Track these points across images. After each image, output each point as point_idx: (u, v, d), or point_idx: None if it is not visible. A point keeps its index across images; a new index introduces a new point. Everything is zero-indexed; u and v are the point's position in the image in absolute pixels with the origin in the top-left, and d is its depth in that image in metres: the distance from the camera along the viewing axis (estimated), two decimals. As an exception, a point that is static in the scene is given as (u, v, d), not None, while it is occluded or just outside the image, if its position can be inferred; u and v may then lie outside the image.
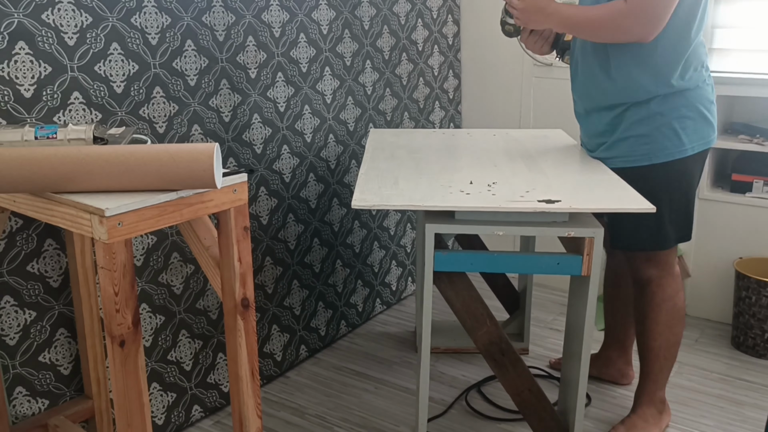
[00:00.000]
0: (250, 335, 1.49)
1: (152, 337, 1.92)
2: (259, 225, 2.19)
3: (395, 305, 2.90)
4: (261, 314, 2.26)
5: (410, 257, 2.94)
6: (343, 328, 2.63)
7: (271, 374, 2.33)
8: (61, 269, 1.69)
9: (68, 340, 1.73)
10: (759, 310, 2.40)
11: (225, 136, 2.01)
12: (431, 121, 2.94)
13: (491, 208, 1.56)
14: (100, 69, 1.67)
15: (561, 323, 2.70)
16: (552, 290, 3.03)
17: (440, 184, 1.72)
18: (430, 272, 1.62)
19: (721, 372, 2.38)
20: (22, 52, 1.52)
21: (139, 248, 1.84)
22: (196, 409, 2.09)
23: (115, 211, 1.16)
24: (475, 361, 2.43)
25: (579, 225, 1.57)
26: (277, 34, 2.13)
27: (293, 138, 2.26)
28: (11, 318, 1.61)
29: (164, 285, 1.92)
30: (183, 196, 1.26)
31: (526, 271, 1.72)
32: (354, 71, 2.46)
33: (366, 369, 2.41)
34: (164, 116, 1.83)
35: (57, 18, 1.56)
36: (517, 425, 2.09)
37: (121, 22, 1.69)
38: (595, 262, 1.58)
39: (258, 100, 2.10)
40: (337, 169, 2.48)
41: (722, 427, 2.08)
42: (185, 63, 1.86)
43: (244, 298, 1.45)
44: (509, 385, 1.78)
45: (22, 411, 1.67)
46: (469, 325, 1.73)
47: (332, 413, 2.16)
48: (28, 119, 1.55)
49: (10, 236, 1.58)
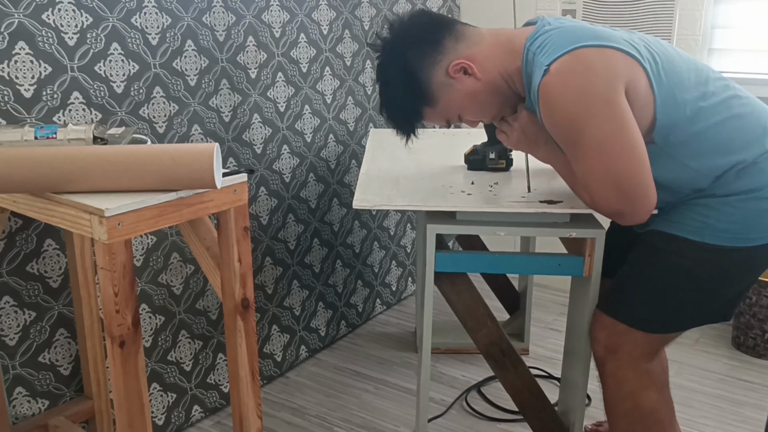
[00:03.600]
0: (250, 336, 1.48)
1: (152, 338, 1.91)
2: (259, 225, 2.19)
3: (395, 305, 2.90)
4: (261, 315, 2.25)
5: (410, 257, 2.94)
6: (343, 329, 2.63)
7: (271, 374, 2.33)
8: (60, 269, 1.68)
9: (68, 341, 1.73)
10: (759, 310, 2.40)
11: (225, 136, 2.01)
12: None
13: (493, 209, 1.55)
14: (100, 69, 1.66)
15: (561, 323, 2.70)
16: (552, 290, 3.02)
17: (441, 184, 1.72)
18: (431, 273, 1.62)
19: (721, 372, 2.38)
20: (22, 52, 1.51)
21: (139, 248, 1.83)
22: (196, 409, 2.08)
23: (114, 211, 1.16)
24: (475, 362, 2.43)
25: (580, 226, 1.57)
26: (278, 34, 2.13)
27: (293, 138, 2.26)
28: (11, 318, 1.61)
29: (164, 285, 1.92)
30: (183, 197, 1.26)
31: (528, 271, 1.72)
32: (354, 71, 2.46)
33: (366, 369, 2.41)
34: (164, 116, 1.83)
35: (57, 18, 1.56)
36: (517, 426, 2.08)
37: (121, 23, 1.68)
38: (597, 263, 1.58)
39: (258, 100, 2.10)
40: (337, 169, 2.47)
41: (722, 427, 2.08)
42: (185, 63, 1.86)
43: (244, 298, 1.45)
44: (509, 386, 1.77)
45: (22, 411, 1.67)
46: (469, 326, 1.73)
47: (332, 413, 2.16)
48: (28, 119, 1.55)
49: (9, 236, 1.58)
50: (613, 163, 1.31)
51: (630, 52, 1.33)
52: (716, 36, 2.53)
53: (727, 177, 1.38)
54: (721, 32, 2.52)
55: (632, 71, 1.32)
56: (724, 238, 1.39)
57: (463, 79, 1.44)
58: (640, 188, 1.32)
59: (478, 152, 1.86)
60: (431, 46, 1.43)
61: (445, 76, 1.43)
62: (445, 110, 1.49)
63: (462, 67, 1.42)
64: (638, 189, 1.32)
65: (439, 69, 1.43)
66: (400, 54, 1.44)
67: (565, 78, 1.30)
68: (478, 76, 1.43)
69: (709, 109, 1.37)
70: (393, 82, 1.47)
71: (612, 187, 1.32)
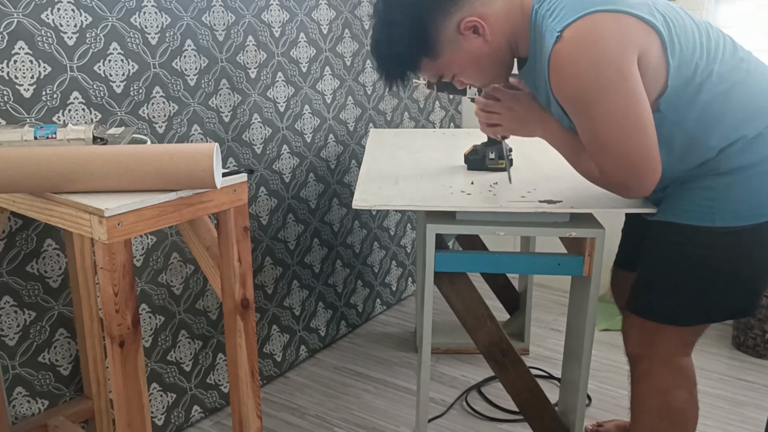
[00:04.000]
0: (250, 336, 1.48)
1: (152, 338, 1.91)
2: (259, 225, 2.19)
3: (395, 305, 2.90)
4: (261, 315, 2.25)
5: (410, 257, 2.94)
6: (343, 329, 2.63)
7: (271, 374, 2.33)
8: (60, 269, 1.68)
9: (68, 341, 1.73)
10: (759, 310, 2.40)
11: (225, 136, 2.01)
12: (431, 121, 2.93)
13: (492, 209, 1.55)
14: (100, 69, 1.66)
15: (561, 323, 2.70)
16: (552, 290, 3.02)
17: (441, 184, 1.72)
18: (431, 273, 1.62)
19: (721, 372, 2.38)
20: (22, 52, 1.51)
21: (139, 248, 1.83)
22: (196, 409, 2.08)
23: (114, 211, 1.16)
24: (475, 362, 2.42)
25: (580, 225, 1.57)
26: (277, 33, 2.13)
27: (293, 138, 2.25)
28: (11, 318, 1.60)
29: (164, 285, 1.92)
30: (183, 197, 1.26)
31: (527, 271, 1.72)
32: (354, 71, 2.46)
33: (366, 369, 2.41)
34: (164, 116, 1.83)
35: (57, 18, 1.56)
36: (518, 426, 2.08)
37: (120, 22, 1.68)
38: (597, 263, 1.58)
39: (258, 100, 2.10)
40: (337, 169, 2.47)
41: (722, 427, 2.08)
42: (185, 63, 1.85)
43: (244, 298, 1.45)
44: (510, 386, 1.77)
45: (22, 411, 1.67)
46: (469, 326, 1.73)
47: (332, 413, 2.16)
48: (28, 119, 1.55)
49: (9, 236, 1.58)
50: (624, 137, 1.29)
51: (644, 17, 1.28)
52: (716, 36, 2.53)
53: (733, 150, 1.34)
54: (721, 32, 2.52)
55: (646, 38, 1.28)
56: (733, 218, 1.35)
57: (471, 38, 1.36)
58: (649, 163, 1.30)
59: (478, 152, 1.86)
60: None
61: (455, 31, 1.35)
62: (444, 66, 1.40)
63: (474, 26, 1.34)
64: (647, 163, 1.30)
65: (451, 22, 1.34)
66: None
67: (578, 46, 1.26)
68: (488, 38, 1.36)
69: (718, 77, 1.33)
70: (397, 23, 1.36)
71: (621, 159, 1.31)
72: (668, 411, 1.52)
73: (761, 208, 1.35)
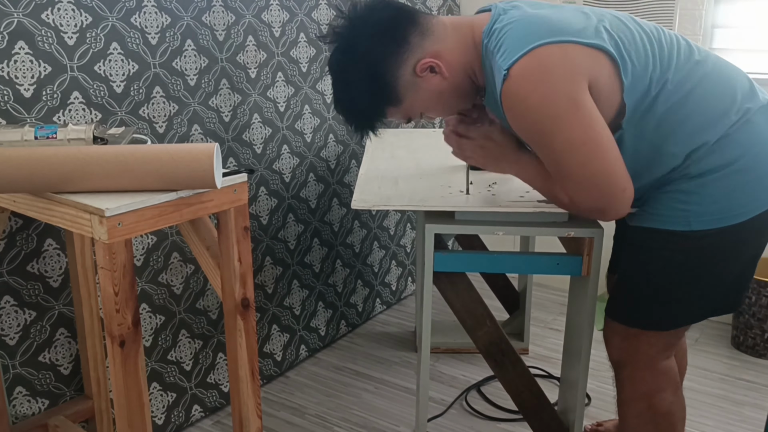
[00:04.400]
0: (250, 335, 1.49)
1: (152, 337, 1.92)
2: (259, 225, 2.19)
3: (395, 305, 2.90)
4: (261, 314, 2.26)
5: (410, 257, 2.94)
6: (343, 328, 2.63)
7: (271, 374, 2.33)
8: (61, 269, 1.69)
9: (68, 340, 1.73)
10: (759, 310, 2.40)
11: (225, 136, 2.01)
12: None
13: (491, 209, 1.56)
14: (100, 69, 1.66)
15: (561, 323, 2.70)
16: (552, 290, 3.03)
17: (440, 184, 1.72)
18: (430, 272, 1.62)
19: (721, 372, 2.38)
20: (22, 51, 1.52)
21: (139, 248, 1.84)
22: (196, 409, 2.09)
23: (114, 211, 1.16)
24: (475, 361, 2.43)
25: (579, 225, 1.57)
26: (277, 33, 2.13)
27: (293, 138, 2.26)
28: (11, 318, 1.61)
29: (164, 285, 1.92)
30: (183, 197, 1.26)
31: (526, 271, 1.72)
32: (354, 71, 2.46)
33: (366, 369, 2.41)
34: (164, 116, 1.83)
35: (57, 18, 1.56)
36: (517, 425, 2.09)
37: (120, 22, 1.69)
38: (595, 263, 1.58)
39: (258, 99, 2.10)
40: (337, 169, 2.48)
41: (722, 427, 2.08)
42: (185, 63, 1.86)
43: (244, 298, 1.45)
44: (509, 385, 1.78)
45: (22, 411, 1.67)
46: (469, 325, 1.73)
47: (332, 413, 2.16)
48: (28, 119, 1.55)
49: (10, 236, 1.58)
50: (586, 163, 1.29)
51: (590, 42, 1.27)
52: (716, 36, 2.54)
53: (698, 155, 1.33)
54: (722, 32, 2.53)
55: (594, 64, 1.28)
56: (709, 221, 1.34)
57: (429, 78, 1.36)
58: (616, 184, 1.29)
59: None
60: (397, 43, 1.33)
61: (411, 75, 1.35)
62: (409, 109, 1.42)
63: (429, 66, 1.35)
64: (615, 185, 1.29)
65: (406, 68, 1.35)
66: (363, 51, 1.34)
67: (526, 84, 1.26)
68: (446, 75, 1.36)
69: (673, 86, 1.32)
70: (354, 81, 1.37)
71: (589, 186, 1.31)
72: (655, 414, 1.52)
73: (736, 209, 1.34)
